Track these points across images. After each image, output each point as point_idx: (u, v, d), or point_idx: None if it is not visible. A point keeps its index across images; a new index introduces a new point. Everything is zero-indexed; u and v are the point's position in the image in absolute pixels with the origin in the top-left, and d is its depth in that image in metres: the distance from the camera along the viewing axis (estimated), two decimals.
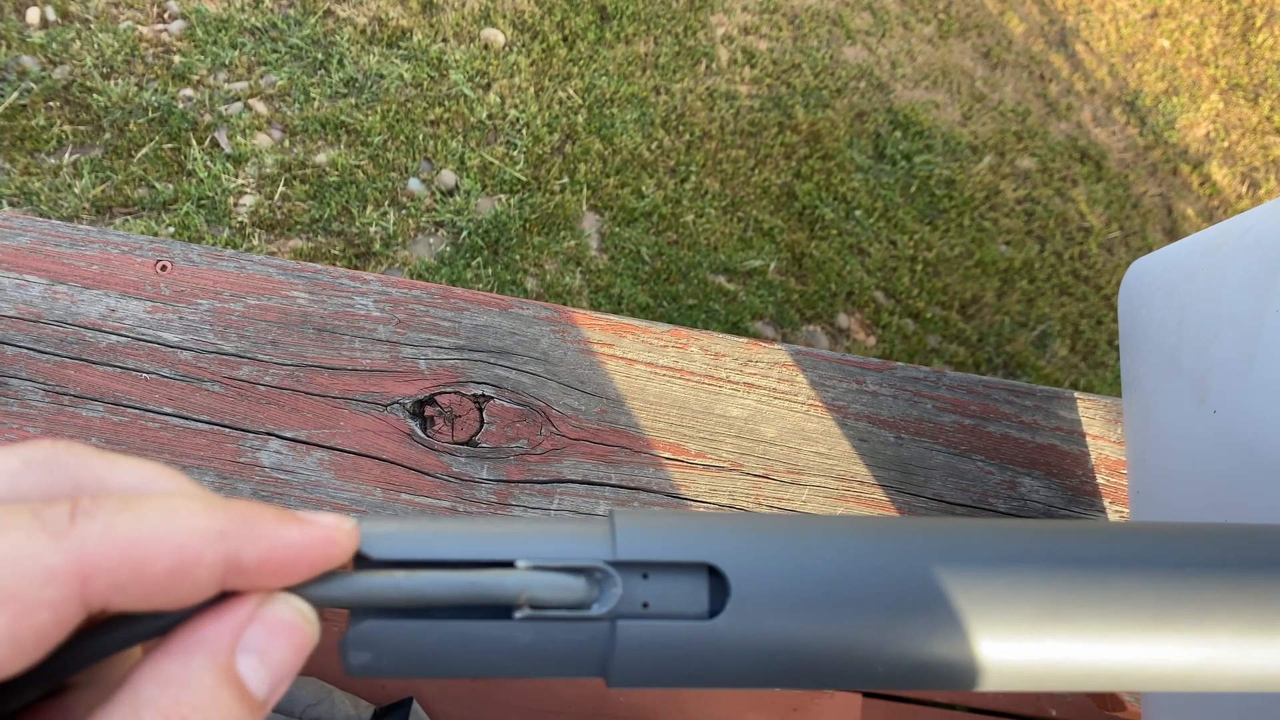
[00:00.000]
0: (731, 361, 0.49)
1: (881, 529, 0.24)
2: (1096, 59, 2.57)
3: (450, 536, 0.22)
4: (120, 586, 0.18)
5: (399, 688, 1.22)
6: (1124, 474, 0.49)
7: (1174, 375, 0.41)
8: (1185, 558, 0.24)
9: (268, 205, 1.91)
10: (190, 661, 0.19)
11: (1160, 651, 0.23)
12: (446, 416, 0.47)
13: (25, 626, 0.17)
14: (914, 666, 0.23)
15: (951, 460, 0.48)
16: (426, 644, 0.22)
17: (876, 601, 0.23)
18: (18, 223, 0.47)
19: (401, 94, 2.05)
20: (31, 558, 0.17)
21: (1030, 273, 2.18)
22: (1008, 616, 0.23)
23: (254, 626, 0.20)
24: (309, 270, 0.48)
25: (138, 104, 1.94)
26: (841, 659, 0.23)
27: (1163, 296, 0.42)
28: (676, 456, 0.47)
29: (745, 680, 0.23)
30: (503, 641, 0.22)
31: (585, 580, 0.22)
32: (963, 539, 0.24)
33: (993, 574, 0.23)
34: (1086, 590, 0.23)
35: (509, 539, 0.23)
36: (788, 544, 0.23)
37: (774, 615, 0.22)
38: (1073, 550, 0.24)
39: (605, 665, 0.22)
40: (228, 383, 0.46)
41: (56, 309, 0.46)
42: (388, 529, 0.22)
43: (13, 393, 0.44)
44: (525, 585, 0.22)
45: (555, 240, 1.98)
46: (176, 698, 0.18)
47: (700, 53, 2.26)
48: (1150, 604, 0.23)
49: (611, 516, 0.24)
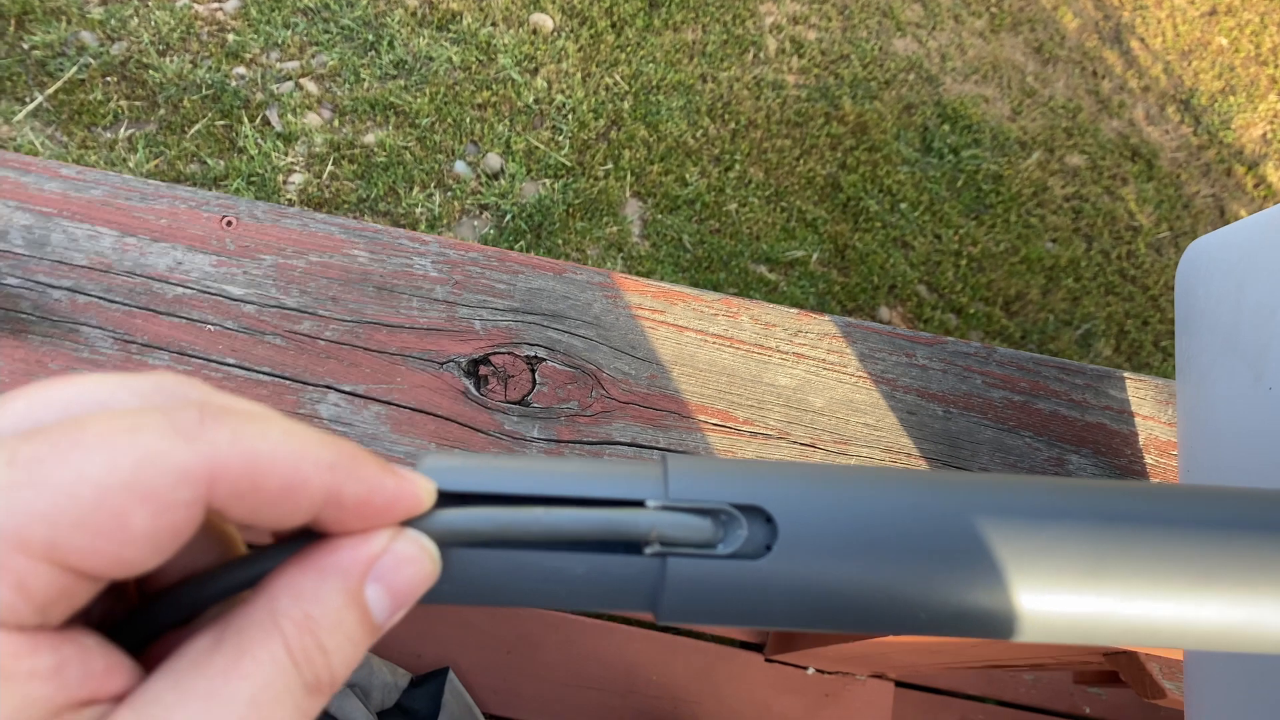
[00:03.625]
0: (781, 331, 0.50)
1: (927, 481, 0.25)
2: (1152, 56, 2.53)
3: (523, 474, 0.24)
4: (239, 494, 0.19)
5: (435, 657, 1.24)
6: (1173, 455, 0.49)
7: (1230, 353, 0.41)
8: (1231, 518, 0.24)
9: (316, 184, 1.94)
10: (324, 581, 0.20)
11: (1200, 609, 0.23)
12: (500, 376, 0.48)
13: (163, 523, 0.18)
14: (955, 613, 0.23)
15: (1000, 435, 0.48)
16: (488, 573, 0.23)
17: (920, 549, 0.23)
18: (91, 176, 0.49)
19: (450, 77, 2.07)
20: (165, 458, 0.18)
21: (1076, 271, 2.16)
22: (1050, 568, 0.23)
23: (385, 558, 0.21)
24: (370, 230, 0.49)
25: (192, 81, 1.98)
26: (884, 603, 0.23)
27: (1221, 275, 0.42)
28: (724, 423, 0.48)
29: (789, 619, 0.24)
30: (560, 572, 0.23)
31: (712, 521, 0.23)
32: (1007, 492, 0.25)
33: (1036, 526, 0.24)
34: (1128, 545, 0.23)
35: (564, 478, 0.24)
36: (835, 490, 0.24)
37: (819, 558, 0.23)
38: (1117, 506, 0.24)
39: (655, 600, 0.23)
40: (289, 336, 0.47)
41: (126, 260, 0.48)
42: (451, 463, 0.24)
43: (83, 340, 0.46)
44: (656, 524, 0.23)
45: (598, 226, 1.98)
46: (308, 611, 0.20)
47: (748, 41, 2.26)
48: (1191, 561, 0.23)
49: (664, 460, 0.25)
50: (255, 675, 0.19)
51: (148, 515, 0.18)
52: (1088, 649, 0.68)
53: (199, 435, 0.19)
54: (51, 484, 0.17)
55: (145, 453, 0.18)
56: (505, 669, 1.21)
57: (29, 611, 0.17)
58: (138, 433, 0.18)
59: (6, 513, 0.17)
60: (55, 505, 0.17)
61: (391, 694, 1.12)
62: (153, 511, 0.18)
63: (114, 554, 0.18)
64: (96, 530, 0.17)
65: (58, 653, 0.18)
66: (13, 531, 0.17)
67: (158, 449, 0.18)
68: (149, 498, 0.18)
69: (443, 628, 1.23)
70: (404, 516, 0.22)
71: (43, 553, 0.17)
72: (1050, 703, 1.34)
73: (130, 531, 0.18)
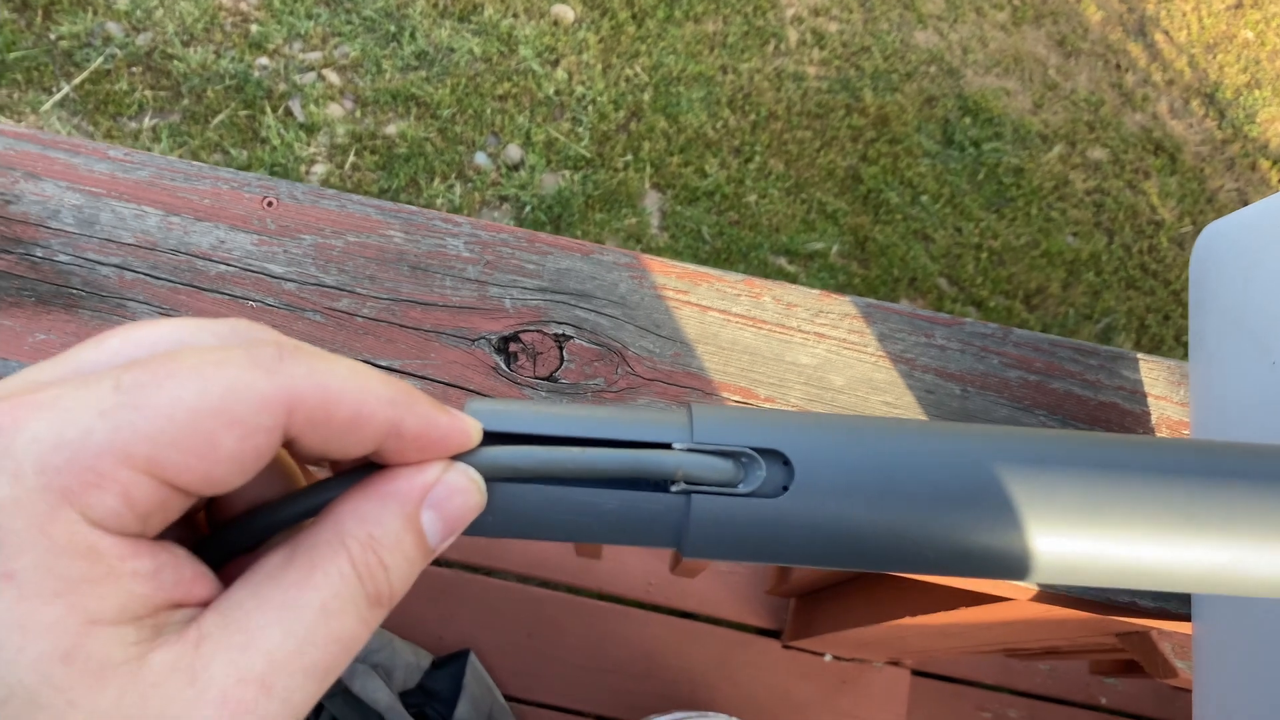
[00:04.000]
0: (803, 311, 0.51)
1: (933, 428, 0.26)
2: (1176, 49, 2.51)
3: (560, 418, 0.26)
4: (313, 423, 0.21)
5: (457, 639, 1.26)
6: (1185, 434, 0.50)
7: (1240, 334, 0.42)
8: (1231, 468, 0.25)
9: (338, 174, 1.96)
10: (385, 505, 0.22)
11: (1202, 552, 0.25)
12: (529, 353, 0.49)
13: (248, 447, 0.20)
14: (960, 553, 0.25)
15: (1015, 414, 0.50)
16: (533, 506, 0.25)
17: (927, 491, 0.25)
18: (138, 158, 0.51)
19: (471, 68, 2.09)
20: (249, 388, 0.20)
21: (1097, 265, 2.15)
22: (1051, 508, 0.25)
23: (438, 488, 0.23)
24: (405, 211, 0.51)
25: (215, 71, 2.00)
26: (893, 541, 0.25)
27: (1233, 257, 0.43)
28: (746, 400, 0.49)
29: (806, 556, 0.25)
30: (594, 507, 0.25)
31: (733, 463, 0.25)
32: (1013, 440, 0.26)
33: (1039, 470, 0.25)
34: (1127, 489, 0.25)
35: (598, 421, 0.26)
36: (849, 436, 0.26)
37: (833, 498, 0.25)
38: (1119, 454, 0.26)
39: (680, 536, 0.25)
40: (328, 313, 0.49)
41: (171, 239, 0.49)
42: (494, 408, 0.26)
43: (130, 315, 0.48)
44: (682, 464, 0.24)
45: (617, 217, 2.00)
46: (371, 532, 0.22)
47: (769, 33, 2.26)
48: (1189, 504, 0.25)
49: (689, 408, 0.26)
50: (324, 586, 0.21)
51: (234, 438, 0.20)
52: (1102, 631, 0.69)
53: (278, 368, 0.21)
54: (151, 407, 0.19)
55: (232, 382, 0.20)
56: (526, 651, 1.23)
57: (132, 519, 0.19)
58: (225, 365, 0.20)
59: (114, 430, 0.19)
60: (155, 426, 0.19)
61: (414, 674, 1.14)
62: (239, 435, 0.20)
63: (205, 471, 0.20)
64: (190, 449, 0.19)
65: (155, 559, 0.20)
66: (120, 447, 0.19)
67: (243, 380, 0.20)
68: (235, 422, 0.20)
69: (464, 610, 1.25)
70: (455, 451, 0.24)
71: (145, 467, 0.19)
72: (1067, 693, 1.35)
73: (219, 451, 0.20)
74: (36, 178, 0.50)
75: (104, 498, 0.19)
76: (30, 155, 0.50)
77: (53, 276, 0.48)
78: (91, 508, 0.19)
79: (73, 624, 0.18)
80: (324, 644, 0.21)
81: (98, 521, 0.19)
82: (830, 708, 1.23)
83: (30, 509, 0.18)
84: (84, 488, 0.19)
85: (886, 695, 1.24)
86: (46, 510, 0.18)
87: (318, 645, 0.21)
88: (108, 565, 0.19)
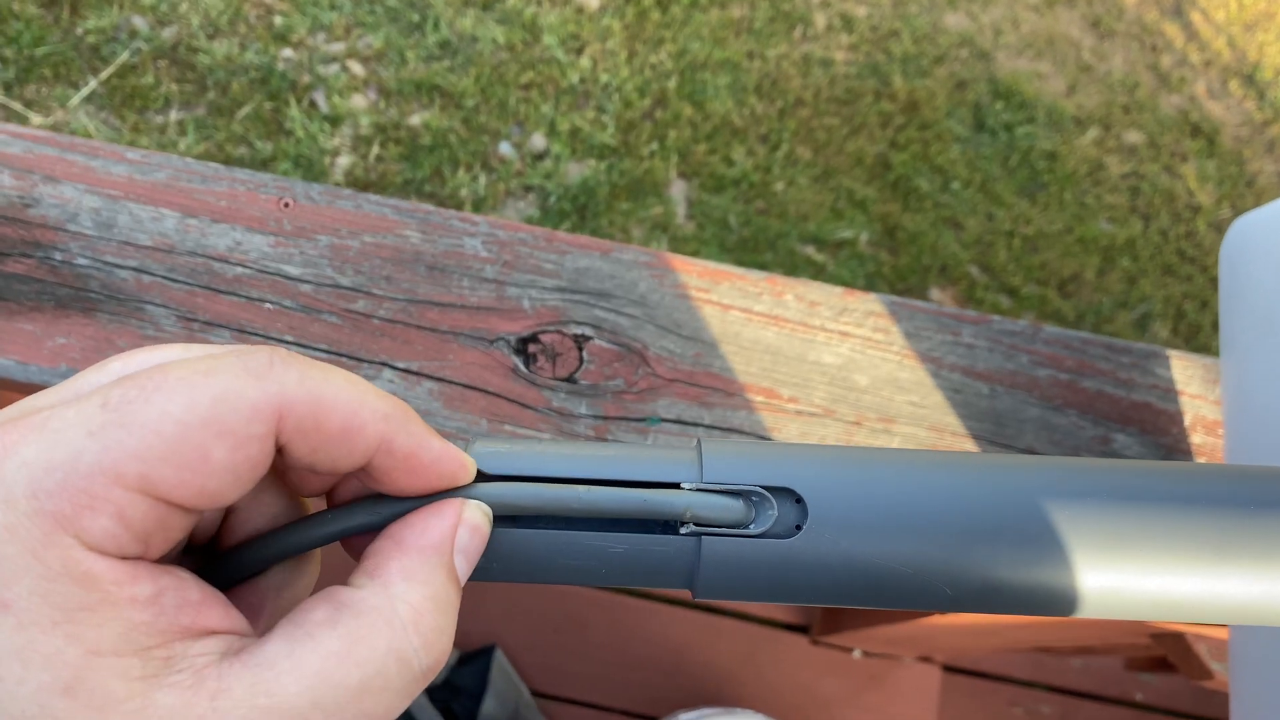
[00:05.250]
0: (826, 310, 0.50)
1: (947, 462, 0.25)
2: (1214, 29, 2.45)
3: (565, 458, 0.25)
4: (304, 431, 0.21)
5: (482, 635, 1.26)
6: (1220, 434, 0.48)
7: (1271, 334, 0.40)
8: (1245, 497, 0.24)
9: (362, 166, 1.96)
10: (428, 561, 0.22)
11: (1213, 584, 0.24)
12: (548, 354, 0.48)
13: (241, 457, 0.20)
14: (979, 590, 0.24)
15: (1046, 414, 0.48)
16: (532, 550, 0.24)
17: (943, 528, 0.24)
18: (155, 159, 0.51)
19: (495, 57, 2.08)
20: (239, 395, 0.20)
21: (1133, 251, 2.11)
22: (1073, 544, 0.24)
23: (461, 529, 0.23)
24: (421, 211, 0.50)
25: (240, 64, 2.01)
26: (910, 580, 0.24)
27: (1263, 255, 0.41)
28: (769, 400, 0.48)
29: (820, 596, 0.25)
30: (602, 550, 0.24)
31: (744, 502, 0.24)
32: (1029, 473, 0.25)
33: (1057, 504, 0.24)
34: (1151, 522, 0.24)
35: (604, 461, 0.25)
36: (862, 472, 0.25)
37: (847, 537, 0.24)
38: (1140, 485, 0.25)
39: (691, 577, 0.25)
40: (345, 315, 0.48)
41: (188, 241, 0.49)
42: (497, 449, 0.25)
43: (148, 318, 0.48)
44: (690, 504, 0.24)
45: (643, 206, 1.99)
46: (424, 594, 0.22)
47: (796, 18, 2.23)
48: (1201, 537, 0.24)
49: (699, 445, 0.26)
50: (368, 663, 0.20)
51: (226, 448, 0.19)
52: (1136, 630, 0.68)
53: (269, 375, 0.20)
54: (139, 422, 0.19)
55: (221, 391, 0.20)
56: (552, 647, 1.23)
57: (130, 540, 0.19)
58: (214, 374, 0.20)
59: (103, 450, 0.19)
60: (144, 442, 0.19)
61: (440, 670, 1.14)
62: (230, 445, 0.20)
63: (199, 485, 0.19)
64: (181, 463, 0.19)
65: (156, 583, 0.20)
66: (110, 466, 0.18)
67: (232, 387, 0.20)
68: (225, 432, 0.19)
69: (490, 606, 1.25)
70: (450, 481, 0.23)
71: (137, 485, 0.19)
72: (1101, 688, 1.33)
73: (211, 463, 0.19)
74: (55, 180, 0.49)
75: (98, 520, 0.18)
76: (49, 158, 0.50)
77: (71, 280, 0.48)
78: (86, 531, 0.18)
79: (73, 655, 0.18)
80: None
81: (94, 545, 0.18)
82: (859, 704, 1.22)
83: (24, 535, 0.18)
84: (77, 511, 0.18)
85: (917, 692, 1.23)
86: (40, 536, 0.18)
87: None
88: (103, 592, 0.18)
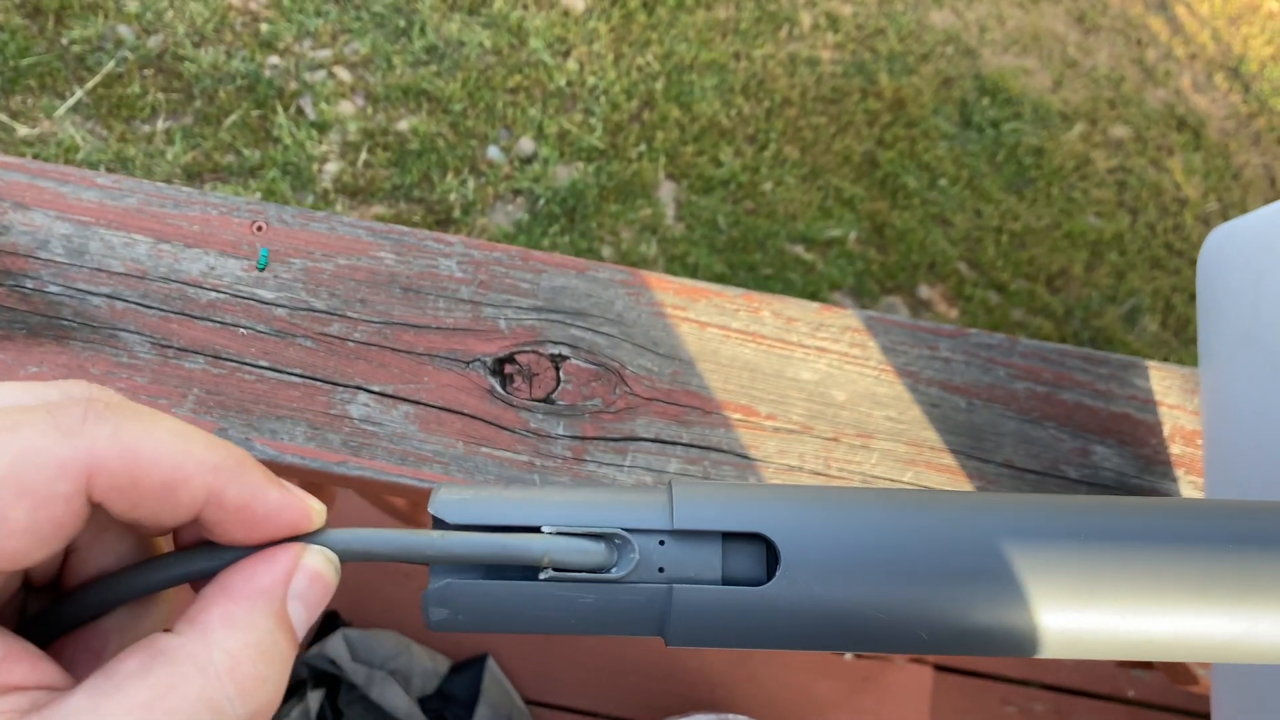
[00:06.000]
0: (803, 326, 0.50)
1: (923, 502, 0.25)
2: (1199, 23, 2.46)
3: (511, 503, 0.24)
4: (120, 489, 0.20)
5: (475, 643, 1.26)
6: (1200, 444, 0.48)
7: (1249, 346, 0.40)
8: (1228, 532, 0.24)
9: (351, 172, 1.96)
10: (254, 607, 0.21)
11: (1190, 624, 0.23)
12: (525, 375, 0.48)
13: (42, 516, 0.19)
14: (955, 633, 0.24)
15: (1024, 427, 0.48)
16: (498, 601, 0.24)
17: (918, 571, 0.24)
18: (126, 184, 0.50)
19: (482, 61, 2.08)
20: (45, 453, 0.19)
21: (1121, 245, 2.11)
22: (1039, 585, 0.24)
23: (299, 575, 0.22)
24: (395, 232, 0.50)
25: (227, 72, 2.00)
26: (886, 625, 0.24)
27: (1240, 265, 0.41)
28: (747, 418, 0.48)
29: (794, 642, 0.25)
30: (568, 601, 0.24)
31: (605, 545, 0.24)
32: (1002, 512, 0.25)
33: (1029, 545, 0.24)
34: (1127, 561, 0.24)
35: (567, 507, 0.24)
36: (834, 515, 0.25)
37: (820, 583, 0.24)
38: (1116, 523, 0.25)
39: (663, 626, 0.24)
40: (319, 338, 0.48)
41: (161, 266, 0.49)
42: (460, 496, 0.24)
43: (122, 345, 0.47)
44: (549, 549, 0.23)
45: (631, 208, 1.98)
46: (244, 640, 0.20)
47: (782, 18, 2.23)
48: (1175, 577, 0.23)
49: (669, 487, 0.25)
50: (178, 714, 0.19)
51: (26, 509, 0.19)
52: None
53: (79, 430, 0.19)
54: None
55: (23, 448, 0.19)
56: (544, 654, 1.23)
57: None
58: (17, 430, 0.19)
59: None
60: None
61: (432, 680, 1.14)
62: (31, 505, 0.19)
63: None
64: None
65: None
66: None
67: (36, 444, 0.19)
68: (25, 491, 0.18)
69: None
70: (291, 530, 0.22)
71: None
72: (1093, 685, 1.33)
73: (10, 525, 0.18)
74: (25, 208, 0.49)
75: None
76: (18, 185, 0.50)
77: (43, 308, 0.47)
78: None
79: None
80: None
81: None
82: (852, 707, 1.22)
83: None
84: None
85: (909, 692, 1.23)
86: None
87: None
88: None
